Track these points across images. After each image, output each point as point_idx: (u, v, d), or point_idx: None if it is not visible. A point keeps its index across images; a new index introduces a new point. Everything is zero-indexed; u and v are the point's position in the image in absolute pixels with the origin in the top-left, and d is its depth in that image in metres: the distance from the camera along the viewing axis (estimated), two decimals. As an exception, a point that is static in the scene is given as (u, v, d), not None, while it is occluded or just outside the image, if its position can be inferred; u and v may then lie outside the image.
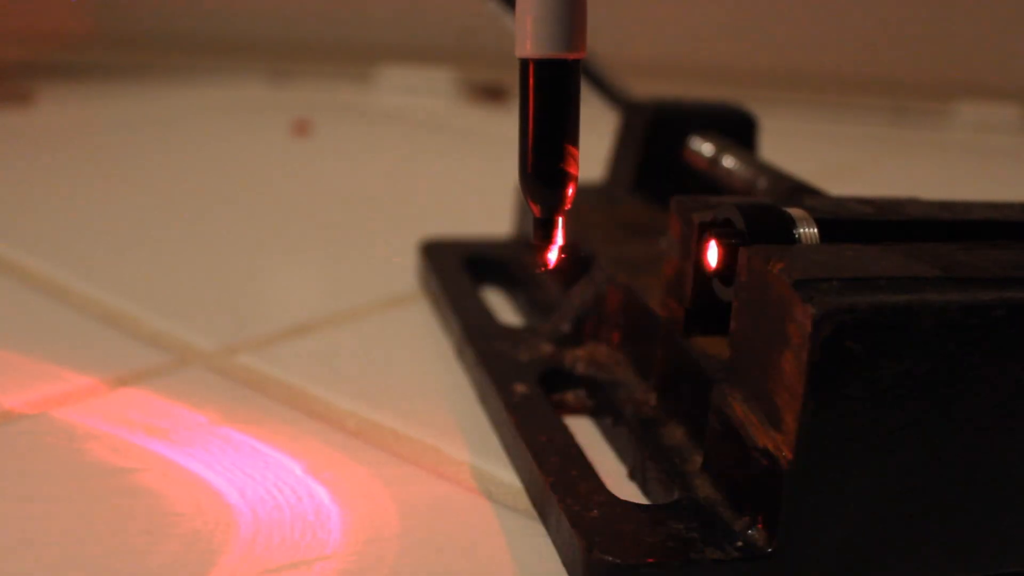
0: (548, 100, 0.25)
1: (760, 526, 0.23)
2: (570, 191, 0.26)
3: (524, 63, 0.25)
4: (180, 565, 0.24)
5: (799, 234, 0.25)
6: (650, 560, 0.23)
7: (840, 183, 0.54)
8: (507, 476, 0.29)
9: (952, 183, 0.69)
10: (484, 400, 0.32)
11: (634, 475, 0.29)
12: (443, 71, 0.86)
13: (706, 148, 0.38)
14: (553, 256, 0.26)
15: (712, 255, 0.26)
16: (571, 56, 0.25)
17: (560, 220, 0.26)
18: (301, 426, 0.31)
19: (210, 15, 0.89)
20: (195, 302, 0.40)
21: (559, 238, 0.26)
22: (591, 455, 0.28)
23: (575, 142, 0.26)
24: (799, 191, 0.33)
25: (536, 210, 0.26)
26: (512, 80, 0.25)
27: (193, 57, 0.88)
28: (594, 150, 0.49)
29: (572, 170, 0.26)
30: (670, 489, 0.26)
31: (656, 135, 0.40)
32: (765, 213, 0.25)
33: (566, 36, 0.25)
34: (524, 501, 0.27)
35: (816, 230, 0.25)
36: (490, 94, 0.83)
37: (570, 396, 0.32)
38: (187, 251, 0.46)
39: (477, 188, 0.59)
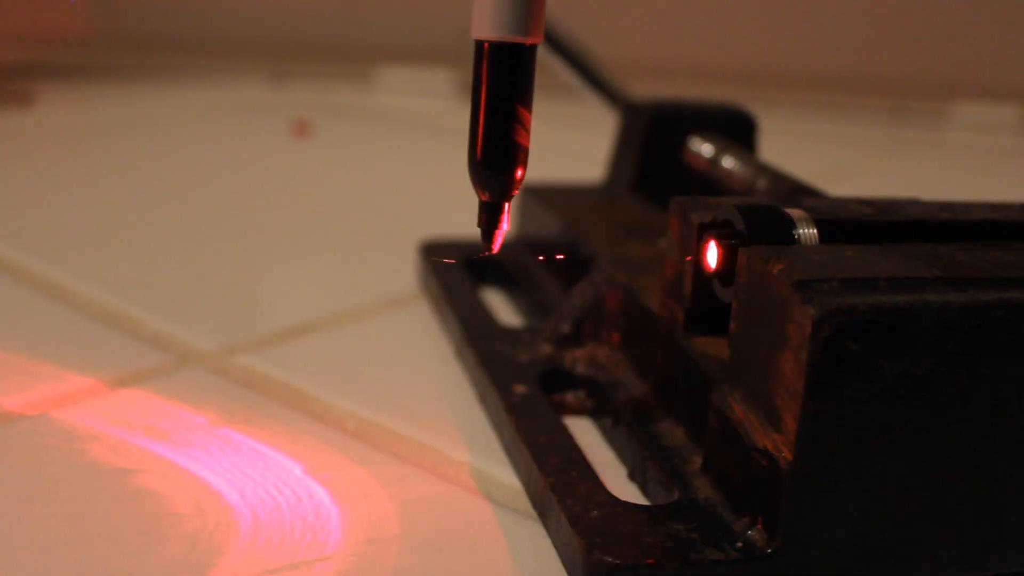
0: (502, 85, 0.25)
1: (760, 527, 0.23)
2: (519, 176, 0.26)
3: (480, 45, 0.25)
4: (180, 566, 0.24)
5: (799, 235, 0.25)
6: (650, 561, 0.23)
7: (840, 183, 0.54)
8: (507, 477, 0.29)
9: (951, 183, 0.69)
10: (484, 401, 0.32)
11: (634, 476, 0.29)
12: (442, 72, 0.86)
13: (706, 148, 0.38)
14: (499, 241, 0.26)
15: (712, 256, 0.26)
16: (528, 41, 0.25)
17: (507, 206, 0.26)
18: (301, 427, 0.31)
19: (210, 16, 0.89)
20: (195, 303, 0.40)
21: (505, 223, 0.26)
22: (591, 456, 0.28)
23: (527, 129, 0.25)
24: (799, 192, 0.33)
25: (483, 195, 0.26)
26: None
27: (193, 58, 0.88)
28: (594, 150, 0.49)
29: (522, 157, 0.25)
30: (670, 490, 0.26)
31: (656, 136, 0.40)
32: (765, 214, 0.26)
33: (525, 20, 0.24)
34: (524, 502, 0.27)
35: (816, 231, 0.25)
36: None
37: (570, 397, 0.32)
38: (187, 252, 0.46)
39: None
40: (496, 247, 0.27)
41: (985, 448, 0.23)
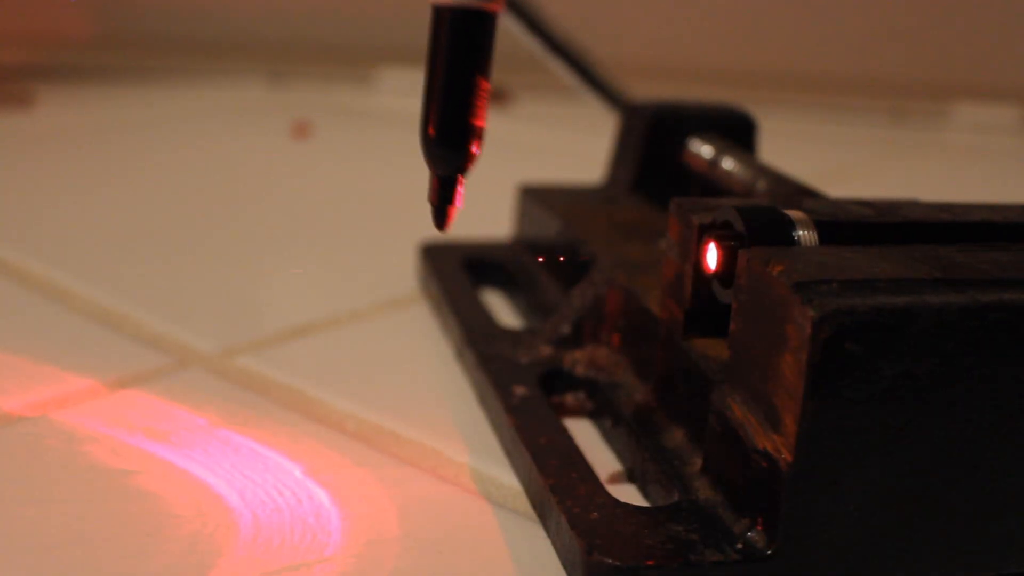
0: (460, 55, 0.24)
1: (760, 528, 0.23)
2: (475, 150, 0.25)
3: (438, 12, 0.24)
4: (180, 567, 0.24)
5: (798, 236, 0.25)
6: (649, 562, 0.23)
7: (839, 185, 0.54)
8: (507, 478, 0.29)
9: (951, 185, 0.69)
10: (484, 402, 0.32)
11: (634, 477, 0.29)
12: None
13: (705, 150, 0.38)
14: (452, 219, 0.25)
15: (711, 257, 0.26)
16: (489, 8, 0.24)
17: (461, 180, 0.25)
18: (301, 428, 0.31)
19: (210, 17, 0.89)
20: (195, 304, 0.40)
21: (459, 199, 0.25)
22: (591, 457, 0.28)
23: (484, 102, 0.25)
24: (798, 193, 0.33)
25: (435, 170, 0.25)
26: (513, 81, 0.25)
27: (193, 59, 0.88)
28: (594, 151, 0.49)
29: (478, 131, 0.24)
30: (670, 491, 0.26)
31: (655, 137, 0.40)
32: (764, 215, 0.26)
33: None
34: (524, 503, 0.27)
35: (815, 232, 0.25)
36: (489, 96, 0.83)
37: (570, 398, 0.32)
38: (187, 253, 0.46)
39: (476, 190, 0.58)
40: (449, 225, 0.26)
41: (985, 449, 0.23)
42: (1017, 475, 0.23)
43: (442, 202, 0.25)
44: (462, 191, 0.25)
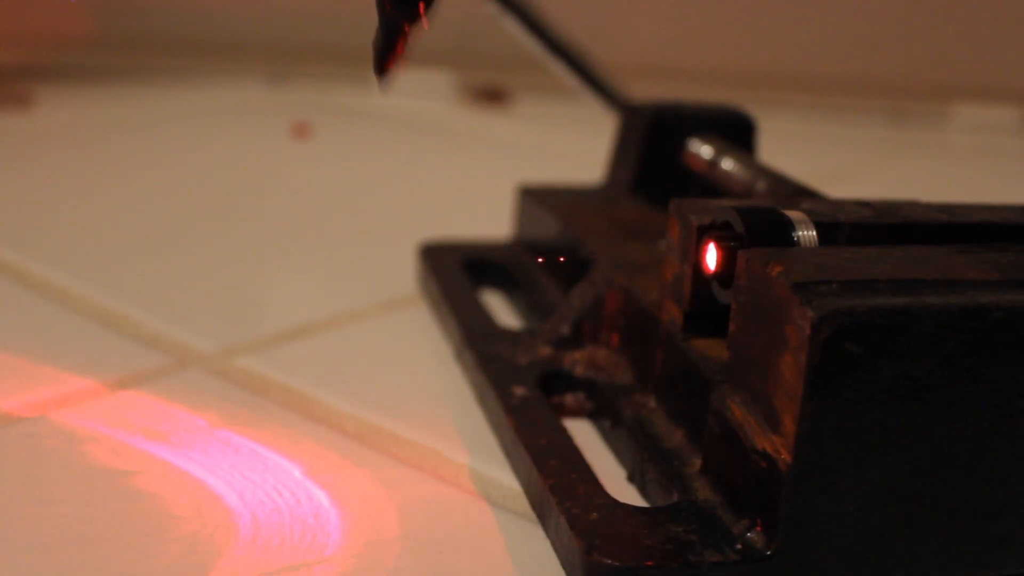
0: None
1: (759, 528, 0.23)
2: (422, 10, 0.24)
3: None
4: (180, 567, 0.24)
5: (798, 237, 0.25)
6: (649, 563, 0.23)
7: (839, 185, 0.54)
8: (506, 479, 0.29)
9: (951, 185, 0.69)
10: (483, 402, 0.32)
11: (633, 477, 0.29)
12: (442, 73, 0.86)
13: (705, 150, 0.38)
14: (393, 69, 0.25)
15: (711, 258, 0.26)
16: None
17: (408, 30, 0.25)
18: (300, 429, 0.31)
19: (210, 18, 0.89)
20: (195, 304, 0.40)
21: (402, 48, 0.25)
22: (590, 458, 0.28)
23: None
24: (798, 193, 0.33)
25: (386, 10, 0.25)
26: (513, 81, 0.25)
27: (193, 60, 0.88)
28: (594, 152, 0.49)
29: None
30: (669, 492, 0.26)
31: (655, 137, 0.40)
32: (764, 216, 0.26)
33: None
34: (523, 504, 0.27)
35: (815, 233, 0.25)
36: (489, 96, 0.83)
37: (569, 398, 0.32)
38: (186, 254, 0.46)
39: (476, 190, 0.59)
40: (388, 74, 0.25)
41: (984, 449, 0.23)
42: (1017, 475, 0.23)
43: (384, 48, 0.25)
44: (407, 40, 0.25)
